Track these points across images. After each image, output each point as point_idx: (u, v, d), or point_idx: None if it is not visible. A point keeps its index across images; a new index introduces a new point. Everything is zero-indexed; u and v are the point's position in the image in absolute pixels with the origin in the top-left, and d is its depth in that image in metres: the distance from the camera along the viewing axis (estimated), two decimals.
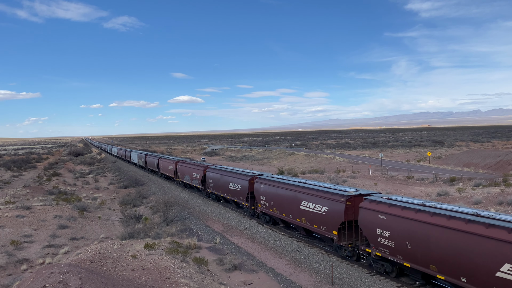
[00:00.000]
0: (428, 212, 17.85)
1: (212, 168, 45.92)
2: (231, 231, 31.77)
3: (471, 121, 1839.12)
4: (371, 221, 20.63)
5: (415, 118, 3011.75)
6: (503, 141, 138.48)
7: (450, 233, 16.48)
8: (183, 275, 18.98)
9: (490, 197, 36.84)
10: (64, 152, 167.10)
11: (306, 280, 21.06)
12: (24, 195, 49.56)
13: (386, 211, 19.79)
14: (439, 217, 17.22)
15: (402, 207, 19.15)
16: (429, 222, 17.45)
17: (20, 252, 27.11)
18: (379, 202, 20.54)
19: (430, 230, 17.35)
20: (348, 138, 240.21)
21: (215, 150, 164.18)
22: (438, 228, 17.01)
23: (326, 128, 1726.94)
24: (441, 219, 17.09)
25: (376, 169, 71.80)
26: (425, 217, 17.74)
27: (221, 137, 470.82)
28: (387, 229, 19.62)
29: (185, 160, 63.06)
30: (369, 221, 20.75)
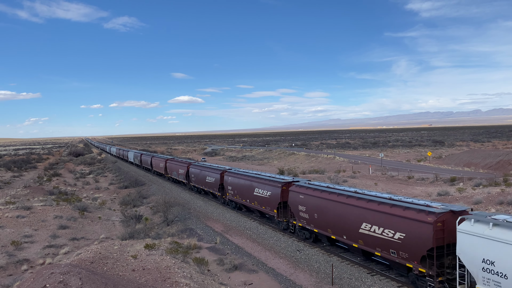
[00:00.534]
0: (327, 191, 24.40)
1: (194, 165, 53.03)
2: (231, 231, 31.77)
3: (472, 121, 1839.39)
4: (295, 200, 27.19)
5: (416, 118, 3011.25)
6: (504, 141, 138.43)
7: (337, 205, 23.05)
8: (184, 275, 18.98)
9: (491, 197, 36.83)
10: (65, 153, 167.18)
11: (307, 280, 21.06)
12: (25, 195, 49.58)
13: (304, 192, 26.43)
14: (333, 194, 23.77)
15: (313, 189, 25.71)
16: (326, 198, 24.09)
17: (20, 253, 27.12)
18: (301, 186, 27.17)
19: (327, 204, 23.93)
20: (348, 138, 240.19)
21: (216, 150, 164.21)
22: (331, 202, 23.57)
23: (326, 128, 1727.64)
24: (333, 196, 23.66)
25: (377, 169, 71.79)
26: (325, 195, 24.37)
27: (221, 137, 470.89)
28: (304, 205, 26.28)
29: (174, 158, 72.93)
30: (294, 200, 27.33)
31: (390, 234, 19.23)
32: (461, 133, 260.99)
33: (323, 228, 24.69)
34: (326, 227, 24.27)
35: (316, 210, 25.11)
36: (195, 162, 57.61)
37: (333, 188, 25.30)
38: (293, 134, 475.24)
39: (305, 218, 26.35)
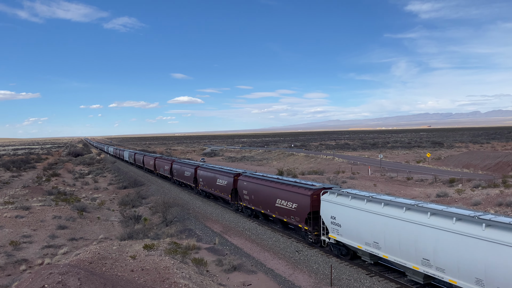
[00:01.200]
0: (261, 179, 33.13)
1: (176, 162, 62.46)
2: (230, 232, 31.76)
3: (471, 122, 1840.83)
4: (241, 186, 36.09)
5: (415, 119, 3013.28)
6: (502, 143, 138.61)
7: (266, 188, 31.61)
8: (182, 276, 18.96)
9: (489, 198, 36.86)
10: (64, 153, 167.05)
11: (306, 281, 21.05)
12: (23, 195, 49.52)
13: (246, 180, 35.19)
14: (264, 181, 32.52)
15: (253, 177, 34.67)
16: (260, 184, 32.78)
17: (19, 253, 27.09)
18: (245, 175, 36.48)
19: (260, 188, 32.61)
20: (347, 139, 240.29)
21: (215, 150, 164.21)
22: (263, 186, 32.21)
23: (325, 129, 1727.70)
24: (265, 181, 32.31)
25: (376, 170, 71.82)
26: (260, 181, 33.00)
27: (220, 137, 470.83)
28: (246, 190, 35.01)
29: (162, 156, 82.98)
30: (240, 186, 36.27)
31: (290, 205, 27.98)
32: (460, 135, 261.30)
33: (257, 206, 33.34)
34: (259, 204, 32.92)
35: (253, 193, 33.88)
36: (178, 159, 68.31)
37: (262, 176, 34.40)
38: (292, 135, 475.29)
39: (247, 200, 35.22)
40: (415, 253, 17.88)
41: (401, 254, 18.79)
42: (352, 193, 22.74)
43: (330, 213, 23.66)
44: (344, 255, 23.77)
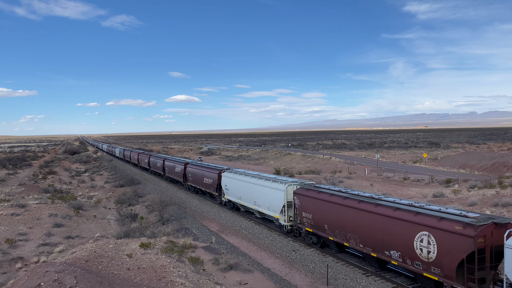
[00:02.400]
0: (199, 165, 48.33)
1: (153, 156, 77.89)
2: (227, 231, 31.76)
3: (467, 123, 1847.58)
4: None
5: (412, 119, 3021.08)
6: (499, 143, 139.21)
7: (203, 172, 44.86)
8: (179, 275, 18.95)
9: (485, 198, 37.01)
10: (60, 151, 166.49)
11: (302, 280, 21.08)
12: (19, 193, 49.34)
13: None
14: (203, 167, 46.32)
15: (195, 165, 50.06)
16: (199, 169, 46.76)
17: (15, 250, 27.00)
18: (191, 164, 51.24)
19: (199, 172, 46.48)
20: (344, 139, 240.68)
21: (212, 149, 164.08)
22: (199, 171, 46.33)
23: (322, 128, 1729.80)
24: (203, 168, 46.08)
25: (372, 170, 71.99)
26: (198, 167, 47.69)
27: (218, 136, 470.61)
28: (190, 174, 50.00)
29: (144, 152, 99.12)
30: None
31: (210, 180, 42.91)
32: (456, 135, 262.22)
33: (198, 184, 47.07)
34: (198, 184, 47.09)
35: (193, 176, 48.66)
36: (153, 154, 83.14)
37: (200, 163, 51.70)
38: (289, 134, 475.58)
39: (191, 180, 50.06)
40: (252, 199, 33.70)
41: (248, 201, 34.44)
42: (234, 171, 39.03)
43: (225, 183, 39.17)
44: (232, 208, 38.80)
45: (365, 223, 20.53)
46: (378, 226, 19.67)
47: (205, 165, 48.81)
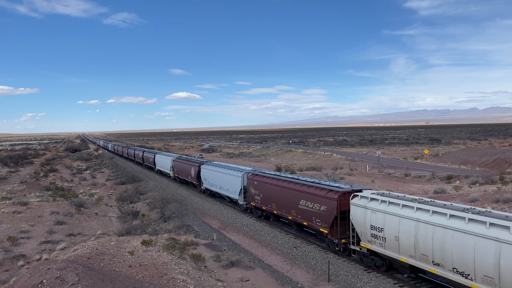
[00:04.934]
0: (183, 160, 57.31)
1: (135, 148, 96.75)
2: (228, 228, 31.80)
3: (468, 119, 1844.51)
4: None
5: (413, 115, 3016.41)
6: (500, 139, 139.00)
7: (183, 165, 55.25)
8: (180, 272, 18.99)
9: (487, 194, 36.98)
10: (61, 148, 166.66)
11: (303, 276, 21.12)
12: (21, 191, 49.43)
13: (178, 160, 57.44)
14: (187, 161, 55.43)
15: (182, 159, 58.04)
16: (184, 163, 55.63)
17: (17, 248, 27.08)
18: (179, 158, 59.65)
19: (184, 165, 55.06)
20: (345, 136, 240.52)
21: (213, 146, 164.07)
22: (184, 164, 55.04)
23: (323, 125, 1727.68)
24: (185, 161, 55.69)
25: (374, 167, 71.96)
26: (183, 162, 56.47)
27: (218, 133, 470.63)
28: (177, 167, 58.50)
29: (129, 146, 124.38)
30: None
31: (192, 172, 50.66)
32: (458, 131, 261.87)
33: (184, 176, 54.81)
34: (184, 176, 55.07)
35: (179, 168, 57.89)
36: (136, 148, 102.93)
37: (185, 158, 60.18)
38: (290, 131, 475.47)
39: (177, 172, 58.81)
40: (220, 185, 41.25)
41: (218, 188, 42.02)
42: (210, 164, 46.60)
43: (203, 174, 46.58)
44: (209, 195, 46.05)
45: (283, 195, 29.05)
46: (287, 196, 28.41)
47: (189, 159, 58.13)
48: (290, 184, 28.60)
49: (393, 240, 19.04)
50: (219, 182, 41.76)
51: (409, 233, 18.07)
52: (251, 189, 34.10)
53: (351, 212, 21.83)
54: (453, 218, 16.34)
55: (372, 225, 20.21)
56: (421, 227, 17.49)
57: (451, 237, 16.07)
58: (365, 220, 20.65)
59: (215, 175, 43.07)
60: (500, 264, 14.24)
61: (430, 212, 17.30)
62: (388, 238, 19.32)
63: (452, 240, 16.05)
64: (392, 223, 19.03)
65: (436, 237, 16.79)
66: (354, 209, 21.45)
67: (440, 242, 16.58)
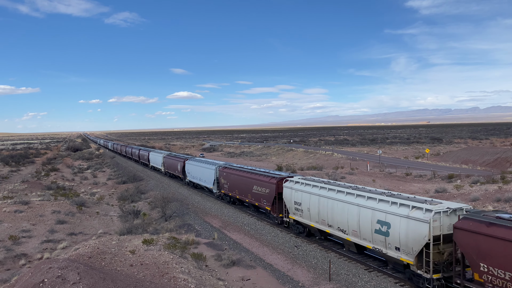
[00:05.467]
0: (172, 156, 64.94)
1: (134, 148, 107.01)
2: (229, 227, 31.82)
3: (470, 118, 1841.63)
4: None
5: (414, 115, 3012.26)
6: (501, 139, 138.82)
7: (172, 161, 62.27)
8: (182, 271, 19.02)
9: (488, 194, 36.95)
10: (63, 147, 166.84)
11: (304, 276, 21.13)
12: (22, 190, 49.51)
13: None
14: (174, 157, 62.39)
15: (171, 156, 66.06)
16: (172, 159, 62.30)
17: (18, 247, 27.13)
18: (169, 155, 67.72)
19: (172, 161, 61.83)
20: (346, 135, 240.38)
21: (214, 146, 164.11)
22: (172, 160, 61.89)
23: (324, 124, 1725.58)
24: (173, 158, 62.59)
25: (375, 166, 71.91)
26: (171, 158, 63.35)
27: (219, 133, 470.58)
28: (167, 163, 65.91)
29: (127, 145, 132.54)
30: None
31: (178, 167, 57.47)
32: (459, 131, 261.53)
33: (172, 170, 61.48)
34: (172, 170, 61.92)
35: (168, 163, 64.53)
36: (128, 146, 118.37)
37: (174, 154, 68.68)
38: (291, 131, 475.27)
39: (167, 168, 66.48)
40: (199, 177, 47.80)
41: (197, 179, 48.91)
42: (193, 159, 53.96)
43: (187, 169, 53.14)
44: (192, 186, 52.48)
45: (242, 182, 36.07)
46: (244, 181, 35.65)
47: (177, 155, 66.06)
48: (247, 173, 35.54)
49: (307, 211, 26.00)
50: (199, 175, 48.59)
51: (315, 205, 25.06)
52: (221, 179, 41.27)
53: (283, 193, 28.64)
54: (338, 192, 23.06)
55: (295, 201, 27.18)
56: (321, 200, 24.38)
57: (336, 205, 23.00)
58: (291, 198, 27.63)
59: (196, 169, 50.02)
60: (360, 221, 21.10)
61: (327, 189, 24.11)
62: (304, 210, 26.26)
63: (337, 208, 22.97)
64: (306, 199, 25.97)
65: (328, 206, 23.73)
66: (285, 190, 28.46)
67: (331, 209, 23.56)
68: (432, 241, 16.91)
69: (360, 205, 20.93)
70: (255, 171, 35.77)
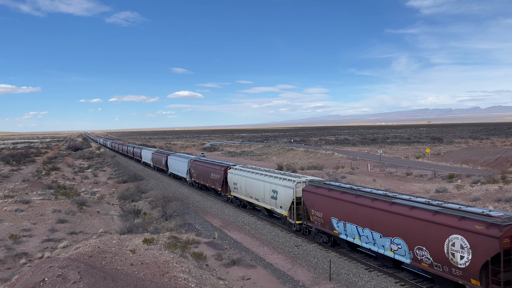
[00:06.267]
0: (159, 153, 75.48)
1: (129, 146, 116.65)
2: (229, 226, 31.83)
3: (470, 118, 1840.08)
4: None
5: (415, 114, 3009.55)
6: (502, 138, 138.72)
7: (159, 156, 72.72)
8: (182, 270, 19.03)
9: (488, 194, 36.92)
10: (63, 147, 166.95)
11: (305, 275, 21.13)
12: (23, 189, 49.56)
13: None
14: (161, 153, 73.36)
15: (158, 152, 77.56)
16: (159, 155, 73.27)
17: (19, 246, 27.15)
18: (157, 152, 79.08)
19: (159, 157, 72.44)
20: (347, 134, 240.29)
21: (214, 145, 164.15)
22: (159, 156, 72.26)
23: (325, 124, 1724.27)
24: (160, 154, 73.67)
25: (375, 166, 71.89)
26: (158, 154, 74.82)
27: (220, 132, 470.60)
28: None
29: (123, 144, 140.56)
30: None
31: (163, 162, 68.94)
32: (459, 130, 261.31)
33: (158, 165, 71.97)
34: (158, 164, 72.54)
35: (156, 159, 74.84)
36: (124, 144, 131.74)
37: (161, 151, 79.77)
38: (292, 130, 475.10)
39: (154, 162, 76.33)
40: (177, 169, 58.70)
41: (176, 171, 59.45)
42: (174, 155, 63.84)
43: (169, 163, 62.88)
44: (173, 178, 61.88)
45: (204, 171, 46.56)
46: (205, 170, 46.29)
47: (163, 152, 77.51)
48: (207, 164, 46.72)
49: (240, 188, 36.63)
50: (177, 167, 58.73)
51: (244, 183, 35.51)
52: (192, 169, 51.52)
53: (227, 177, 39.46)
54: (256, 174, 34.00)
55: (234, 182, 37.93)
56: (247, 180, 34.91)
57: (254, 183, 33.65)
58: (232, 179, 38.50)
59: (175, 162, 60.11)
60: (264, 192, 31.77)
61: (250, 173, 34.93)
62: (239, 187, 36.85)
63: (254, 184, 33.60)
64: (239, 179, 36.64)
65: (251, 184, 34.33)
66: (229, 175, 39.22)
67: (251, 186, 34.29)
68: (296, 200, 27.24)
69: (265, 181, 31.67)
70: (212, 162, 47.04)
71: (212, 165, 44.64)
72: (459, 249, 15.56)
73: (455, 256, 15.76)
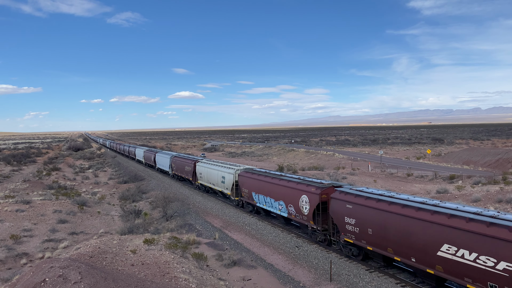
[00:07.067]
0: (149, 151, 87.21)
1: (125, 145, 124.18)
2: (230, 227, 31.83)
3: (471, 119, 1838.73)
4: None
5: (415, 115, 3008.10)
6: (503, 139, 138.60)
7: (149, 154, 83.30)
8: (182, 270, 19.03)
9: (489, 195, 36.88)
10: (64, 147, 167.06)
11: (305, 276, 21.12)
12: (24, 189, 49.59)
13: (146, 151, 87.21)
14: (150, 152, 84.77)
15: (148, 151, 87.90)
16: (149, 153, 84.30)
17: (19, 246, 27.17)
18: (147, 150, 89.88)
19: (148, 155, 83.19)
20: (348, 135, 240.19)
21: (215, 146, 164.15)
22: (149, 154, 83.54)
23: (326, 125, 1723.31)
24: (149, 152, 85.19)
25: (376, 166, 71.85)
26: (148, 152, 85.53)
27: (221, 133, 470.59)
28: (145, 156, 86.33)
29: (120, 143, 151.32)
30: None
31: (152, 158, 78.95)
32: (460, 131, 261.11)
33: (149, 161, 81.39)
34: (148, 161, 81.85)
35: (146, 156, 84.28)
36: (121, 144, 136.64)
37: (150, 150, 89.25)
38: (292, 131, 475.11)
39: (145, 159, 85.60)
40: (163, 164, 68.88)
41: (162, 166, 69.97)
42: (160, 152, 75.92)
43: (157, 160, 73.46)
44: (160, 172, 71.54)
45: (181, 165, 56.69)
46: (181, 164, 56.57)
47: (152, 150, 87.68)
48: (182, 159, 57.10)
49: (203, 177, 46.61)
50: (162, 163, 68.58)
51: (206, 173, 45.64)
52: (172, 164, 61.59)
53: (196, 168, 49.15)
54: (213, 165, 44.25)
55: (200, 172, 47.76)
56: (208, 170, 44.98)
57: (213, 172, 43.48)
58: (198, 170, 48.15)
59: (161, 159, 69.99)
60: (217, 178, 42.20)
61: (210, 164, 45.15)
62: (204, 176, 46.48)
63: (212, 172, 43.66)
64: (203, 170, 46.63)
65: (209, 172, 44.49)
66: (197, 167, 48.92)
67: (211, 174, 44.06)
68: (235, 183, 37.88)
69: (218, 170, 41.97)
70: (186, 157, 58.54)
71: (186, 160, 55.16)
72: (304, 204, 25.89)
73: (303, 208, 26.06)
